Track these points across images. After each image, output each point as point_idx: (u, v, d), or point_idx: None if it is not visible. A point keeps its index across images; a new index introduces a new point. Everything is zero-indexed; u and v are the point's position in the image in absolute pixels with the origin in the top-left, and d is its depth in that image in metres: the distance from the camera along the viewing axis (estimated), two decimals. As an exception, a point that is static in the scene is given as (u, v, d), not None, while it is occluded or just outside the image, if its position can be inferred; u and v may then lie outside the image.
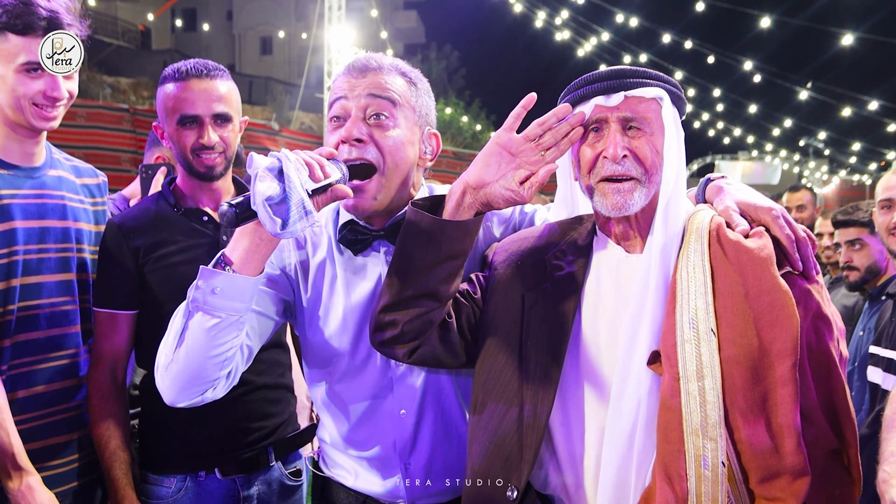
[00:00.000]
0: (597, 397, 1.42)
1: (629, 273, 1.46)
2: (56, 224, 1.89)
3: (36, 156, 1.89)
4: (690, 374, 1.29)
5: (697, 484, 1.26)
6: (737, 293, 1.32)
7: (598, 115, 1.44)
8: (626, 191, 1.41)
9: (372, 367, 1.60)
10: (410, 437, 1.60)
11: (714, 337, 1.31)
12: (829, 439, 1.34)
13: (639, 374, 1.37)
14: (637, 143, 1.42)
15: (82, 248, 1.95)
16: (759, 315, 1.30)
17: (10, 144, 1.84)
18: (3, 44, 1.73)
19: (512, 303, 1.53)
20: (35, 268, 1.83)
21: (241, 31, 38.93)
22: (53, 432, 1.86)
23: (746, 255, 1.33)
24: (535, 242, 1.59)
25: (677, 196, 1.45)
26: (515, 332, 1.50)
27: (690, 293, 1.34)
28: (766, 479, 1.27)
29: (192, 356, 1.38)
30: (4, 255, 1.78)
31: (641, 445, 1.35)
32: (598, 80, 1.44)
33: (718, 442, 1.26)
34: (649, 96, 1.43)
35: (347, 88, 1.53)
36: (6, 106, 1.78)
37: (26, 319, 1.82)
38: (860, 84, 25.26)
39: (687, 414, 1.28)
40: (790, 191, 5.26)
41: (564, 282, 1.50)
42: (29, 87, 1.76)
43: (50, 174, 1.93)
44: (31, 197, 1.85)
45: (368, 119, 1.52)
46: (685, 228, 1.44)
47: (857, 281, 3.19)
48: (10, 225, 1.79)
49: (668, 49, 19.63)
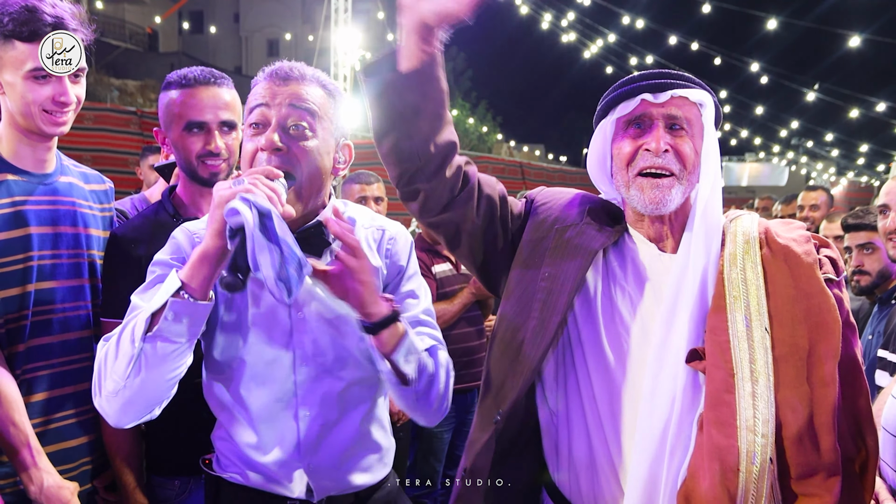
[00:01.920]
0: (626, 392, 1.43)
1: (662, 270, 1.48)
2: (68, 230, 1.91)
3: (48, 162, 1.91)
4: (745, 372, 1.33)
5: (747, 479, 1.28)
6: (787, 294, 1.37)
7: (643, 110, 1.47)
8: (664, 186, 1.44)
9: (277, 372, 1.59)
10: (314, 438, 1.60)
11: (768, 335, 1.34)
12: (847, 446, 1.36)
13: (675, 371, 1.38)
14: (679, 141, 1.45)
15: (93, 253, 1.97)
16: (808, 316, 1.34)
17: (22, 151, 1.85)
18: (11, 51, 1.75)
19: (544, 235, 1.56)
20: (49, 273, 1.85)
21: (248, 33, 39.08)
22: (68, 435, 1.88)
23: (795, 258, 1.38)
24: (576, 198, 1.63)
25: (714, 199, 1.47)
26: (538, 260, 1.54)
27: (742, 292, 1.37)
28: (804, 476, 1.30)
29: (148, 382, 1.37)
30: (20, 261, 1.79)
31: (674, 441, 1.36)
32: (647, 78, 1.47)
33: (769, 438, 1.29)
34: (693, 99, 1.47)
35: (269, 96, 1.53)
36: (17, 113, 1.80)
37: (40, 324, 1.83)
38: (867, 85, 25.17)
39: (742, 410, 1.31)
40: (806, 190, 5.29)
41: (593, 230, 1.53)
42: (38, 93, 1.77)
43: (61, 180, 1.94)
44: (44, 203, 1.87)
45: (289, 129, 1.52)
46: (724, 231, 1.47)
47: (868, 285, 3.17)
48: (25, 231, 1.80)
49: (674, 50, 19.60)
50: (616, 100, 1.49)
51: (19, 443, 1.71)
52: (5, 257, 1.77)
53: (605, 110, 1.53)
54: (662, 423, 1.37)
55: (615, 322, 1.48)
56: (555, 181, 24.10)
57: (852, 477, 1.37)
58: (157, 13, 29.61)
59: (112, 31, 28.34)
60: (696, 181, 1.48)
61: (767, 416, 1.30)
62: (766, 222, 1.48)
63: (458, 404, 3.76)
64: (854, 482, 1.37)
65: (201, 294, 1.37)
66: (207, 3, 37.19)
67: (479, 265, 1.63)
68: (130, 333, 1.36)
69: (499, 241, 1.59)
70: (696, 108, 1.48)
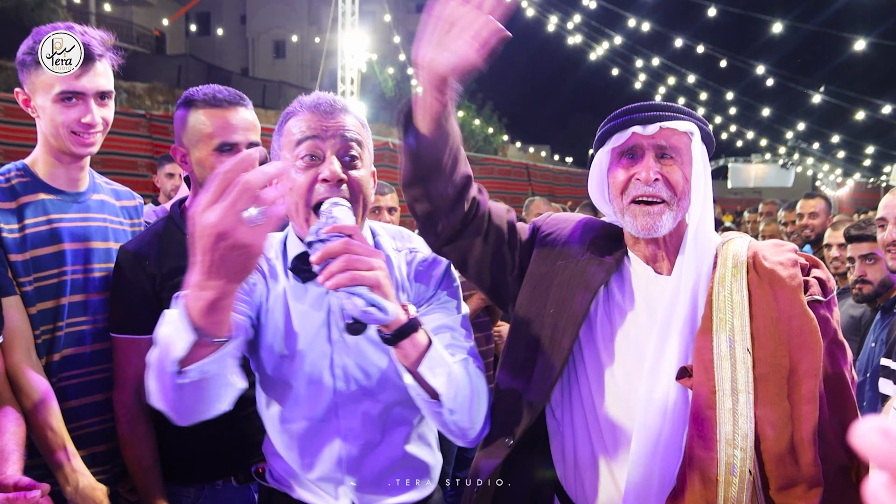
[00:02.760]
0: (622, 405, 1.52)
1: (657, 292, 1.57)
2: (99, 245, 2.00)
3: (80, 181, 2.01)
4: (726, 389, 1.40)
5: (726, 489, 1.37)
6: (770, 316, 1.44)
7: (634, 142, 1.55)
8: (655, 213, 1.52)
9: (318, 393, 1.62)
10: (356, 457, 1.64)
11: (749, 356, 1.42)
12: (839, 455, 1.44)
13: (666, 387, 1.47)
14: (668, 170, 1.53)
15: (122, 267, 2.05)
16: (790, 337, 1.41)
17: (56, 171, 1.95)
18: (41, 76, 1.85)
19: (548, 271, 1.64)
20: (81, 287, 1.95)
21: (255, 34, 39.20)
22: (99, 440, 1.98)
23: (780, 282, 1.45)
24: (579, 227, 1.71)
25: (705, 223, 1.56)
26: (543, 296, 1.61)
27: (728, 315, 1.45)
28: (785, 487, 1.38)
29: (195, 402, 1.33)
30: (55, 276, 1.89)
31: (664, 451, 1.46)
32: (636, 111, 1.55)
33: (748, 452, 1.37)
34: (682, 129, 1.55)
35: (319, 129, 1.56)
36: (49, 134, 1.90)
37: (73, 335, 1.93)
38: (873, 88, 25.10)
39: (721, 425, 1.39)
40: (805, 198, 5.31)
41: (594, 266, 1.61)
42: (66, 115, 1.86)
43: (93, 198, 2.04)
44: (76, 220, 1.97)
45: (343, 159, 1.57)
46: (716, 254, 1.55)
47: (870, 294, 3.24)
48: (59, 247, 1.90)
49: (680, 53, 19.62)
50: (610, 132, 1.58)
51: (56, 446, 1.81)
52: (41, 272, 1.87)
53: (601, 141, 1.62)
54: (655, 434, 1.46)
55: (614, 341, 1.56)
56: (560, 182, 24.06)
57: (848, 484, 1.45)
58: (164, 15, 29.72)
59: (120, 34, 28.43)
60: (688, 205, 1.56)
61: (746, 431, 1.38)
62: (756, 245, 1.55)
63: (466, 408, 3.83)
64: (849, 491, 1.44)
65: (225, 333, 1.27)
66: (214, 5, 37.35)
67: (488, 287, 1.71)
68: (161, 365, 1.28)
69: (507, 267, 1.67)
70: (686, 136, 1.56)
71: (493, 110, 34.15)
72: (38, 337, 1.86)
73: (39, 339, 1.87)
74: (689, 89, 24.51)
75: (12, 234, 1.83)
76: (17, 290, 1.83)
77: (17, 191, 1.88)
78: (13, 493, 1.48)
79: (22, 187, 1.89)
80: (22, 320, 1.82)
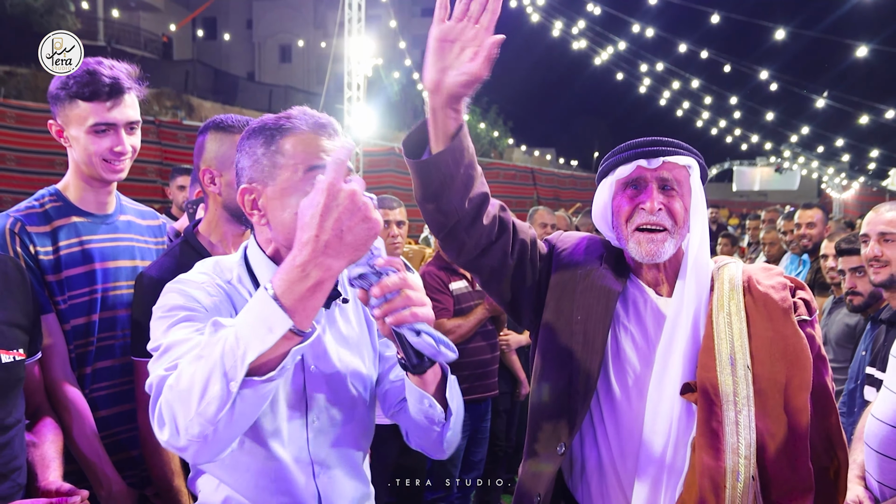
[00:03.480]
0: (630, 418, 1.65)
1: (659, 313, 1.70)
2: (127, 264, 2.15)
3: (108, 204, 2.15)
4: (730, 404, 1.55)
5: (732, 494, 1.51)
6: (766, 336, 1.59)
7: (639, 174, 1.69)
8: (658, 240, 1.66)
9: (292, 428, 1.51)
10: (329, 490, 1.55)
11: (750, 372, 1.57)
12: (821, 458, 1.61)
13: (671, 402, 1.61)
14: (670, 200, 1.68)
15: (148, 283, 2.19)
16: (784, 355, 1.57)
17: (86, 195, 2.10)
18: (75, 109, 1.99)
19: (568, 282, 1.75)
20: (111, 304, 2.09)
21: (261, 39, 39.40)
22: (128, 447, 2.12)
23: (773, 304, 1.62)
24: (592, 243, 1.83)
25: (703, 250, 1.70)
26: (569, 304, 1.73)
27: (728, 335, 1.60)
28: (783, 491, 1.54)
29: (242, 420, 1.22)
30: (87, 294, 2.04)
31: (671, 461, 1.59)
32: (641, 146, 1.69)
33: (751, 459, 1.52)
34: (682, 163, 1.69)
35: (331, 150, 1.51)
36: (81, 162, 2.04)
37: (104, 349, 2.08)
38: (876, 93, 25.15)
39: (726, 435, 1.53)
40: (803, 208, 5.41)
41: (610, 273, 1.73)
42: (98, 145, 2.01)
43: (120, 219, 2.18)
44: (106, 241, 2.11)
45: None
46: (713, 277, 1.70)
47: (861, 304, 3.37)
48: (91, 267, 2.05)
49: (684, 58, 19.73)
50: (615, 163, 1.72)
51: (91, 452, 1.95)
52: (74, 290, 2.02)
53: (606, 171, 1.75)
54: (661, 444, 1.59)
55: (620, 359, 1.69)
56: (566, 186, 24.13)
57: (828, 483, 1.62)
58: (171, 20, 29.93)
59: (127, 39, 28.66)
60: (687, 232, 1.70)
61: (749, 441, 1.52)
62: (748, 270, 1.71)
63: (472, 413, 3.95)
64: (829, 488, 1.62)
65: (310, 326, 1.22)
66: (221, 10, 37.54)
67: (508, 302, 1.81)
68: (223, 377, 1.16)
69: (527, 281, 1.78)
70: (685, 170, 1.70)
71: (499, 114, 34.29)
72: (71, 351, 2.01)
73: (73, 354, 2.01)
74: (693, 93, 24.60)
75: (48, 257, 1.98)
76: (53, 309, 1.98)
77: (51, 215, 2.03)
78: (55, 499, 1.62)
79: (55, 211, 2.04)
80: (58, 336, 1.97)
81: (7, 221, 1.96)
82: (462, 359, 3.78)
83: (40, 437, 1.86)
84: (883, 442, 1.90)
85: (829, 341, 3.86)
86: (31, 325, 1.83)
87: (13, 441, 1.73)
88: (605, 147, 8.05)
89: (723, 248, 8.33)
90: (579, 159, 43.69)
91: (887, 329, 2.86)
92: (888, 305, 2.94)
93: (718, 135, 29.19)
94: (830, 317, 3.93)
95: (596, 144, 41.36)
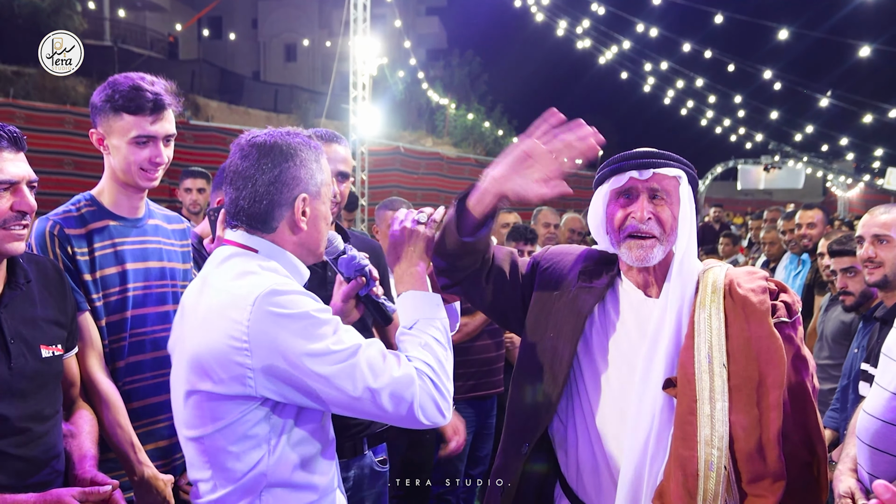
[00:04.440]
0: (617, 410, 1.79)
1: (647, 313, 1.83)
2: (156, 265, 2.28)
3: (139, 209, 2.29)
4: (705, 398, 1.67)
5: (705, 482, 1.63)
6: (743, 336, 1.70)
7: (630, 185, 1.82)
8: (647, 246, 1.80)
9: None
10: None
11: (725, 370, 1.68)
12: (802, 454, 1.71)
13: (654, 395, 1.73)
14: (659, 209, 1.81)
15: (176, 283, 2.34)
16: (759, 354, 1.68)
17: (120, 200, 2.23)
18: (119, 121, 2.13)
19: (546, 300, 1.92)
20: (141, 302, 2.22)
21: (266, 39, 39.43)
22: (159, 436, 2.25)
23: (751, 307, 1.72)
24: (573, 259, 1.99)
25: (689, 254, 1.83)
26: (544, 323, 1.90)
27: (707, 334, 1.71)
28: (754, 481, 1.64)
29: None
30: (119, 292, 2.17)
31: (653, 450, 1.72)
32: (633, 157, 1.82)
33: (723, 451, 1.64)
34: (671, 174, 1.82)
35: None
36: (119, 170, 2.18)
37: (135, 344, 2.21)
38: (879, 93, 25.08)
39: (701, 428, 1.65)
40: (804, 208, 5.49)
41: (584, 294, 1.88)
42: (138, 155, 2.15)
43: (149, 223, 2.32)
44: (136, 243, 2.25)
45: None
46: (698, 280, 1.81)
47: (853, 304, 3.48)
48: (123, 267, 2.18)
49: (688, 57, 19.79)
50: (609, 174, 1.85)
51: (124, 441, 2.08)
52: (108, 289, 2.15)
53: (601, 180, 1.89)
54: (644, 435, 1.72)
55: (608, 355, 1.83)
56: (570, 185, 24.11)
57: (810, 479, 1.72)
58: (177, 20, 30.05)
59: (134, 39, 28.74)
60: (675, 238, 1.83)
61: (722, 433, 1.64)
62: (732, 273, 1.82)
63: (477, 409, 4.06)
64: (812, 483, 1.72)
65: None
66: (226, 10, 37.60)
67: (498, 316, 2.03)
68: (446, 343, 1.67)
69: (512, 300, 1.96)
70: (675, 180, 1.83)
71: (503, 113, 34.30)
72: (106, 347, 2.15)
73: (107, 349, 2.15)
74: (697, 92, 24.65)
75: (84, 257, 2.12)
76: (88, 307, 2.11)
77: (87, 219, 2.16)
78: (89, 488, 1.75)
79: (90, 215, 2.18)
80: (94, 333, 2.11)
81: (46, 224, 2.10)
82: (468, 356, 3.90)
83: (77, 427, 1.99)
84: (873, 436, 1.99)
85: (825, 338, 3.96)
86: (69, 322, 1.96)
87: (52, 430, 1.87)
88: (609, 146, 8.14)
89: (724, 248, 8.42)
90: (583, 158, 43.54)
91: (881, 327, 2.97)
92: (882, 303, 3.05)
93: (723, 134, 29.20)
94: (827, 314, 4.03)
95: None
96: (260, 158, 1.62)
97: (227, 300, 1.52)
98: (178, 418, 1.65)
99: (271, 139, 1.64)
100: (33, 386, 1.81)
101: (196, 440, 1.59)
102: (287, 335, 1.47)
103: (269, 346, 1.46)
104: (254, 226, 1.64)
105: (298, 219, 1.64)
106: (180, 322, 1.69)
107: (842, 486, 1.93)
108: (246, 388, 1.49)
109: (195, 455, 1.61)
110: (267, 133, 1.67)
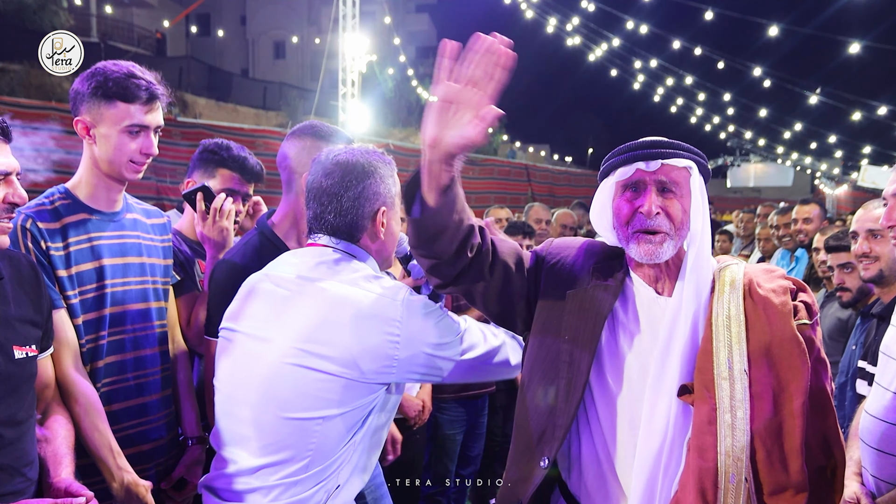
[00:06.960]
0: (627, 417, 1.67)
1: (659, 312, 1.70)
2: (135, 260, 2.19)
3: (117, 202, 2.19)
4: (725, 407, 1.56)
5: (725, 495, 1.53)
6: (764, 340, 1.60)
7: (638, 177, 1.69)
8: (657, 242, 1.66)
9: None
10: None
11: (746, 376, 1.57)
12: (818, 459, 1.61)
13: (668, 402, 1.62)
14: (668, 203, 1.67)
15: (156, 280, 2.25)
16: (781, 359, 1.58)
17: (98, 193, 2.13)
18: (111, 109, 2.04)
19: (557, 299, 1.77)
20: (120, 299, 2.13)
21: (255, 35, 39.25)
22: (141, 441, 2.16)
23: (773, 308, 1.61)
24: (583, 252, 1.84)
25: (703, 250, 1.70)
26: (556, 324, 1.75)
27: (727, 338, 1.61)
28: (775, 493, 1.54)
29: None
30: (97, 289, 2.08)
31: (667, 460, 1.60)
32: (640, 147, 1.69)
33: (744, 462, 1.54)
34: (681, 165, 1.69)
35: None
36: (104, 160, 2.08)
37: (115, 343, 2.12)
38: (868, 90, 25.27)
39: (721, 438, 1.55)
40: (800, 203, 5.45)
41: (601, 292, 1.74)
42: (129, 145, 2.07)
43: (127, 217, 2.22)
44: (114, 238, 2.15)
45: None
46: (714, 278, 1.70)
47: (850, 300, 3.43)
48: (100, 262, 2.08)
49: (678, 55, 19.79)
50: (614, 165, 1.72)
51: (103, 446, 1.98)
52: (84, 286, 2.05)
53: (607, 172, 1.76)
54: (658, 445, 1.61)
55: (619, 359, 1.70)
56: (560, 182, 24.14)
57: (825, 481, 1.63)
58: (164, 17, 29.79)
59: (121, 35, 28.53)
60: (687, 232, 1.70)
61: (744, 444, 1.54)
62: (750, 272, 1.70)
63: (469, 409, 3.99)
64: (826, 485, 1.63)
65: None
66: (214, 7, 37.38)
67: (494, 315, 1.84)
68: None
69: (513, 298, 1.80)
70: (685, 171, 1.70)
71: (493, 110, 34.15)
72: (83, 346, 2.04)
73: (84, 348, 2.05)
74: (687, 90, 24.67)
75: (58, 252, 2.01)
76: (64, 304, 2.01)
77: (61, 212, 2.06)
78: (61, 500, 1.65)
79: (65, 209, 2.07)
80: (69, 331, 2.00)
81: (18, 218, 1.99)
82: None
83: (52, 432, 1.89)
84: (877, 438, 1.93)
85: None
86: (44, 321, 1.86)
87: (25, 436, 1.76)
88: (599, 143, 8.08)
89: (721, 245, 8.39)
90: (574, 155, 43.64)
91: (878, 323, 2.92)
92: (879, 300, 3.00)
93: (712, 131, 29.28)
94: (823, 310, 3.98)
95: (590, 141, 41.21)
96: (344, 176, 1.82)
97: (374, 300, 1.74)
98: (272, 401, 1.72)
99: (353, 157, 1.85)
100: (5, 389, 1.70)
101: (308, 420, 1.70)
102: (429, 327, 1.75)
103: (415, 338, 1.72)
104: (339, 236, 1.84)
105: (378, 230, 1.86)
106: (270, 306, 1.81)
107: (847, 492, 1.85)
108: (388, 377, 1.73)
109: (291, 436, 1.70)
110: (347, 151, 1.87)
